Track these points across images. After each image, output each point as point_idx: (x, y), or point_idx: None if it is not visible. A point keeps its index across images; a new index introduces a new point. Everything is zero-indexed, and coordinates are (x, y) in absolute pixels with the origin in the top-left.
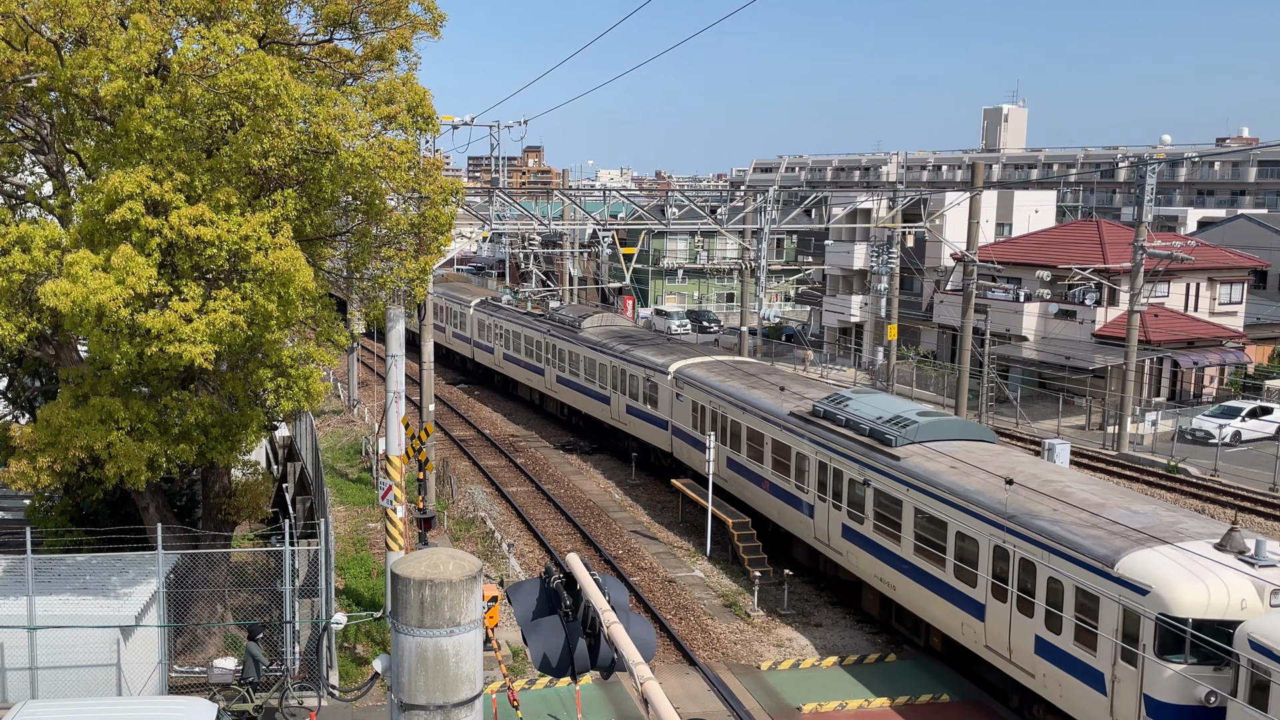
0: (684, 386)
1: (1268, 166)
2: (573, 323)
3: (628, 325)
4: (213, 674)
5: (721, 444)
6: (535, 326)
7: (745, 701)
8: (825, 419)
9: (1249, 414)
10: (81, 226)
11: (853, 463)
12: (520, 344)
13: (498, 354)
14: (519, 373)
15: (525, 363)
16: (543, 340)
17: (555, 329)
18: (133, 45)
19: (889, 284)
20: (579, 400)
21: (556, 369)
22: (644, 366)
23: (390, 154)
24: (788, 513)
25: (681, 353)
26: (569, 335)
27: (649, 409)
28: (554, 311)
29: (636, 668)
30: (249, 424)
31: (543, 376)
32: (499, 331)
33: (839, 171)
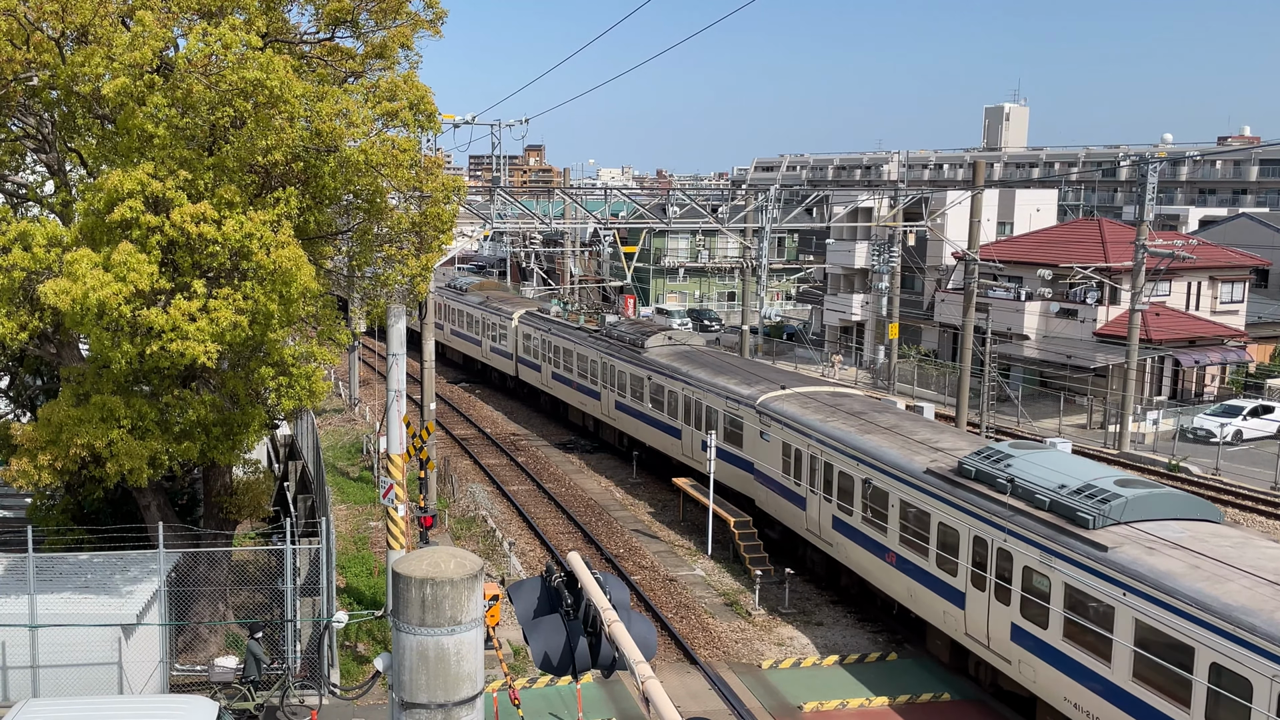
0: (770, 423)
1: (1269, 165)
2: (634, 341)
3: (698, 345)
4: (214, 672)
5: (825, 497)
6: (589, 343)
7: (746, 700)
8: (979, 481)
9: (1250, 413)
10: (82, 225)
11: (1028, 545)
12: (572, 363)
13: (545, 373)
14: (570, 395)
15: (577, 384)
16: (598, 360)
17: (614, 348)
18: (136, 43)
19: (890, 283)
20: (642, 431)
21: (615, 393)
22: (723, 396)
23: (394, 151)
24: (924, 596)
25: (768, 380)
26: (630, 356)
27: (729, 447)
28: (612, 327)
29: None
30: (250, 422)
31: (598, 401)
32: (547, 348)
33: (840, 170)
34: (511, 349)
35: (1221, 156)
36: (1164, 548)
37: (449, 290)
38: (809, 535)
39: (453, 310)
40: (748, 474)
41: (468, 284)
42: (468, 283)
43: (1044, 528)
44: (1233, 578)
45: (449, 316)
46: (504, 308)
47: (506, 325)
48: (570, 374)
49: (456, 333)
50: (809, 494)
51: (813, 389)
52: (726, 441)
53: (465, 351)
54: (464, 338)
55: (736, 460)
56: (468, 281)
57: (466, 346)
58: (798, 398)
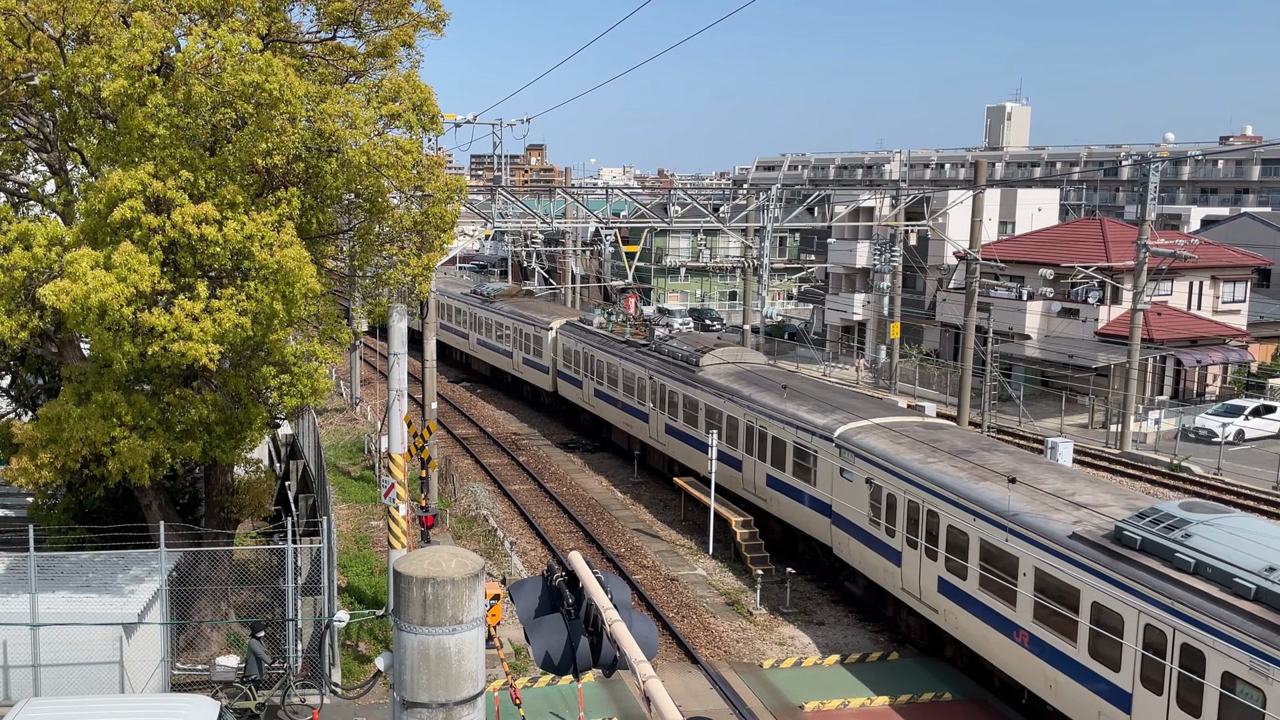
0: (853, 460)
1: (1271, 165)
2: (688, 358)
3: (760, 364)
4: (215, 672)
5: (929, 553)
6: (636, 359)
7: (747, 700)
8: (1148, 554)
9: (1252, 412)
10: (83, 225)
11: (1231, 645)
12: (617, 379)
13: (586, 389)
14: (614, 414)
15: (623, 403)
16: (646, 378)
17: (664, 365)
18: (135, 43)
19: (892, 282)
20: (695, 459)
21: (665, 416)
22: (794, 426)
23: (397, 152)
24: (1072, 691)
25: (845, 408)
26: (683, 375)
27: (801, 484)
28: (662, 341)
29: (639, 666)
30: (252, 422)
31: (646, 424)
32: (588, 362)
33: (842, 170)
34: (549, 362)
35: (1223, 156)
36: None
37: (475, 297)
38: (904, 595)
39: (479, 319)
40: (821, 515)
41: (495, 290)
42: (495, 289)
43: (1255, 625)
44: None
45: (475, 325)
46: (539, 317)
47: (543, 336)
48: (614, 391)
49: (484, 343)
50: (905, 548)
51: (899, 420)
52: (796, 475)
53: (493, 363)
54: (492, 348)
55: (807, 498)
56: (495, 288)
57: (495, 358)
58: (887, 432)
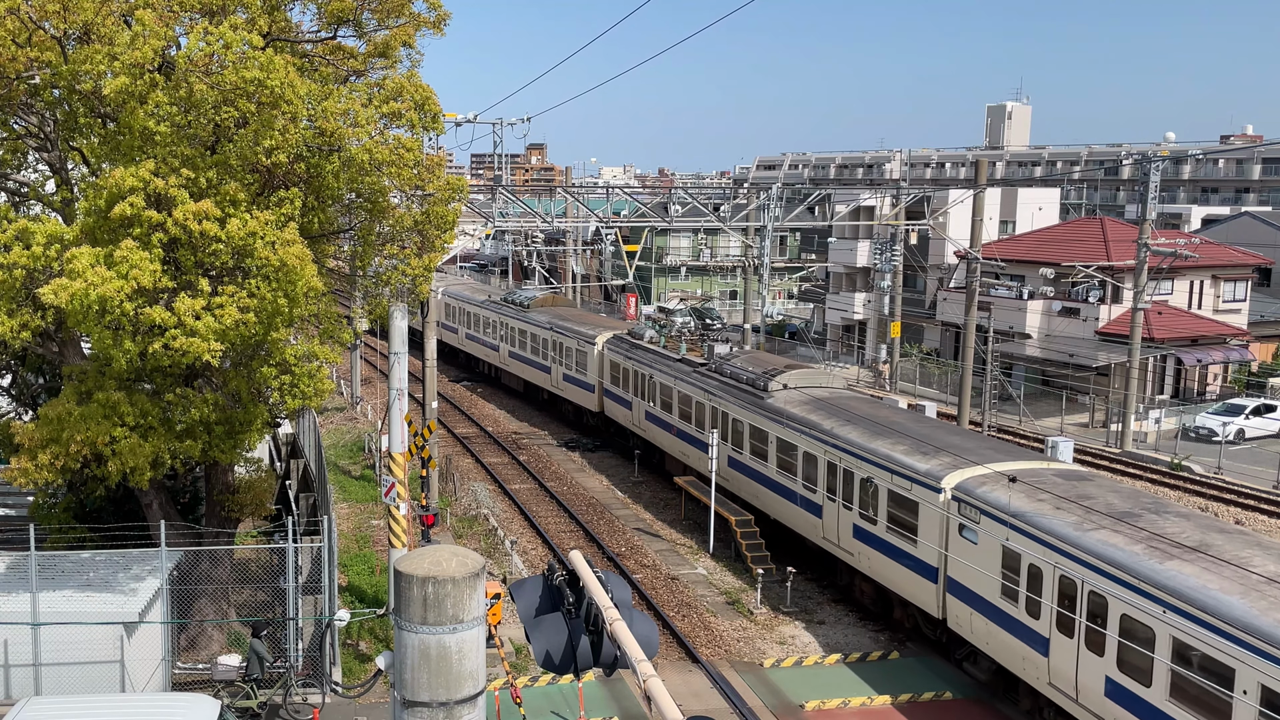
0: (979, 519)
1: (1272, 164)
2: (754, 382)
3: (839, 389)
4: (216, 671)
5: (1092, 650)
6: (694, 380)
7: (748, 699)
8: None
9: (1253, 412)
10: (83, 223)
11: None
12: (671, 402)
13: (637, 411)
14: (668, 441)
15: (678, 429)
16: (705, 402)
17: (726, 388)
18: (137, 41)
19: (892, 281)
20: (764, 498)
21: (728, 447)
22: (888, 469)
23: (400, 150)
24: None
25: (952, 449)
26: (749, 401)
27: (898, 540)
28: (723, 361)
29: (639, 665)
30: (253, 421)
31: (708, 455)
32: (639, 382)
33: (842, 169)
34: (594, 380)
35: (1224, 155)
36: None
37: (507, 306)
38: (1054, 693)
39: (511, 329)
40: (925, 579)
41: (529, 298)
42: (529, 297)
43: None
44: None
45: (507, 336)
46: (582, 329)
47: (588, 351)
48: (669, 416)
49: (518, 356)
50: (1055, 634)
51: (1027, 466)
52: (892, 529)
53: (527, 378)
54: (527, 362)
55: (908, 558)
56: (529, 295)
57: (530, 372)
58: (1019, 484)
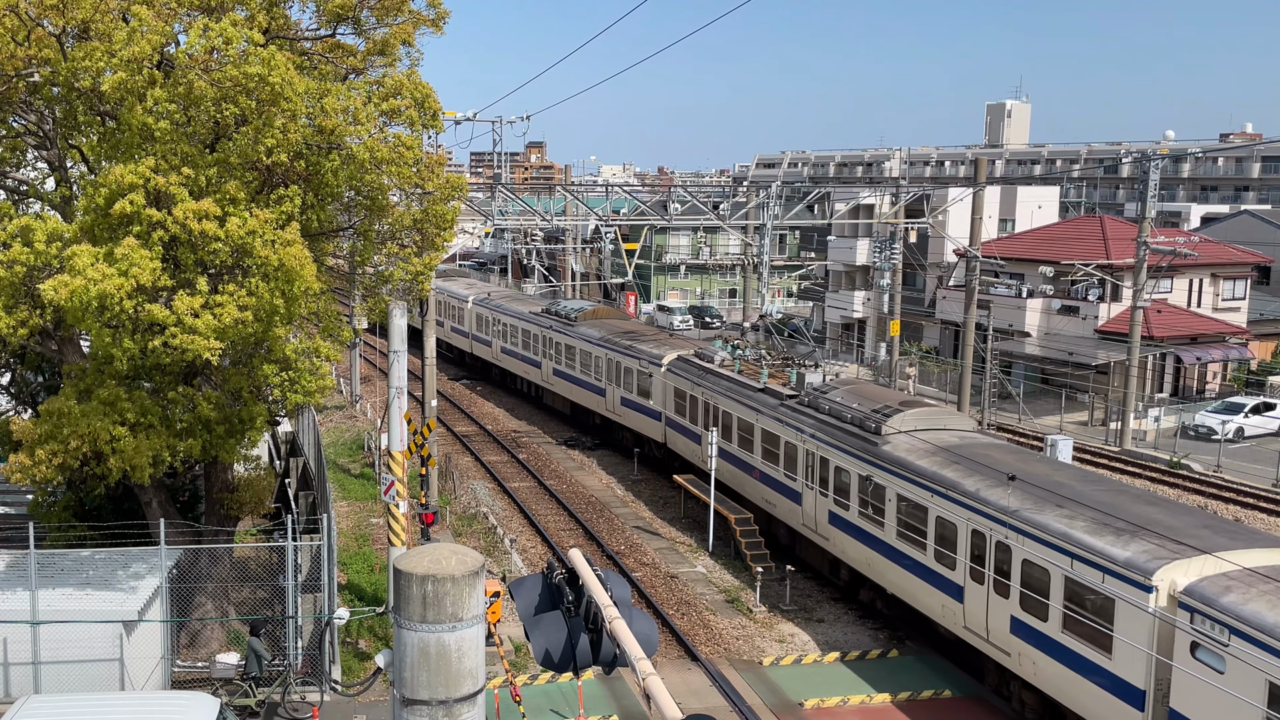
0: (1232, 640)
1: (1271, 162)
2: (863, 422)
3: (969, 431)
4: (215, 669)
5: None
6: (782, 415)
7: (747, 697)
8: None
9: (1252, 410)
10: (83, 221)
11: None
12: (752, 441)
13: (710, 447)
14: (751, 487)
15: (762, 473)
16: (799, 444)
17: (824, 428)
18: (134, 37)
19: (892, 280)
20: (878, 566)
21: (832, 500)
22: (1068, 553)
23: (400, 148)
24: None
25: (1157, 527)
26: (858, 446)
27: (1084, 647)
28: (818, 394)
29: (639, 663)
30: (253, 420)
31: (799, 505)
32: (710, 413)
33: (842, 167)
34: (660, 405)
35: (1223, 153)
36: None
37: (550, 318)
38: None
39: (556, 344)
40: (1130, 705)
41: (576, 310)
42: (575, 308)
43: None
44: None
45: (550, 352)
46: (645, 347)
47: (652, 373)
48: (748, 455)
49: (563, 374)
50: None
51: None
52: (1071, 631)
53: (575, 399)
54: (576, 381)
55: (1100, 673)
56: (575, 307)
57: (580, 394)
58: None
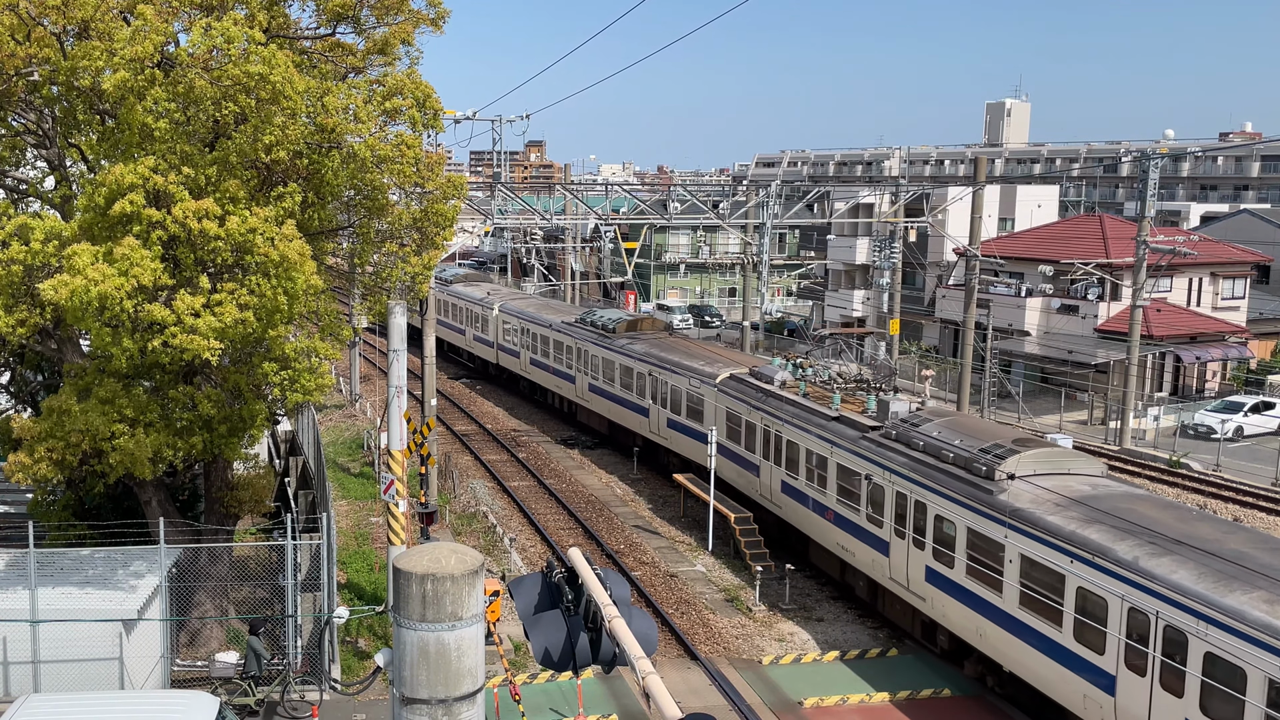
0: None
1: (1271, 161)
2: (972, 465)
3: (1108, 482)
4: (215, 668)
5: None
6: (861, 449)
7: (747, 696)
8: None
9: (1251, 409)
10: (82, 220)
11: None
12: (826, 476)
13: (768, 479)
14: (823, 530)
15: (837, 514)
16: (886, 485)
17: (920, 469)
18: (137, 37)
19: (891, 279)
20: (991, 638)
21: (930, 554)
22: (1267, 646)
23: (400, 146)
24: None
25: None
26: (968, 493)
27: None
28: (908, 426)
29: (638, 662)
30: (253, 418)
31: (885, 556)
32: (772, 441)
33: (841, 166)
34: (711, 428)
35: (1223, 152)
36: None
37: (585, 328)
38: None
39: (591, 358)
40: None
41: (614, 320)
42: (614, 319)
43: None
44: None
45: (585, 365)
46: (691, 363)
47: (702, 392)
48: (821, 494)
49: (601, 390)
50: None
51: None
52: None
53: (615, 419)
54: (615, 399)
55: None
56: (614, 317)
57: (619, 413)
58: None
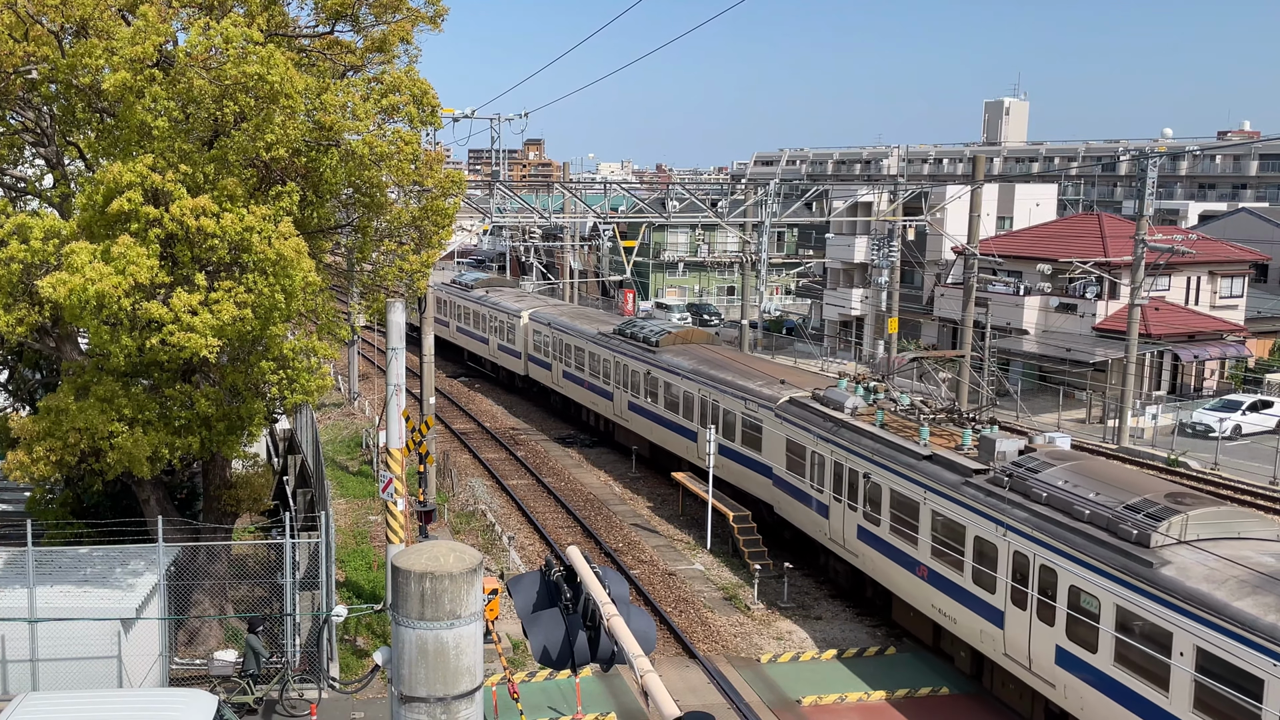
0: None
1: (1269, 160)
2: (1117, 527)
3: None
4: (213, 666)
5: None
6: (964, 497)
7: (745, 694)
8: None
9: (1249, 408)
10: (80, 218)
11: None
12: (917, 525)
13: (840, 523)
14: (913, 587)
15: (939, 575)
16: (1000, 542)
17: (1048, 528)
18: (137, 37)
19: (890, 277)
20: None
21: (1062, 629)
22: None
23: (399, 143)
24: None
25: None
26: (1116, 562)
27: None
28: (1026, 473)
29: (637, 660)
30: (251, 417)
31: (999, 629)
32: (847, 474)
33: (840, 165)
34: (769, 459)
35: (1221, 151)
36: None
37: (624, 341)
38: None
39: (632, 373)
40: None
41: (658, 333)
42: (657, 331)
43: None
44: None
45: (624, 380)
46: (747, 383)
47: (760, 417)
48: (910, 546)
49: (642, 409)
50: None
51: None
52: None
53: (656, 440)
54: (658, 420)
55: None
56: (657, 329)
57: (663, 434)
58: None
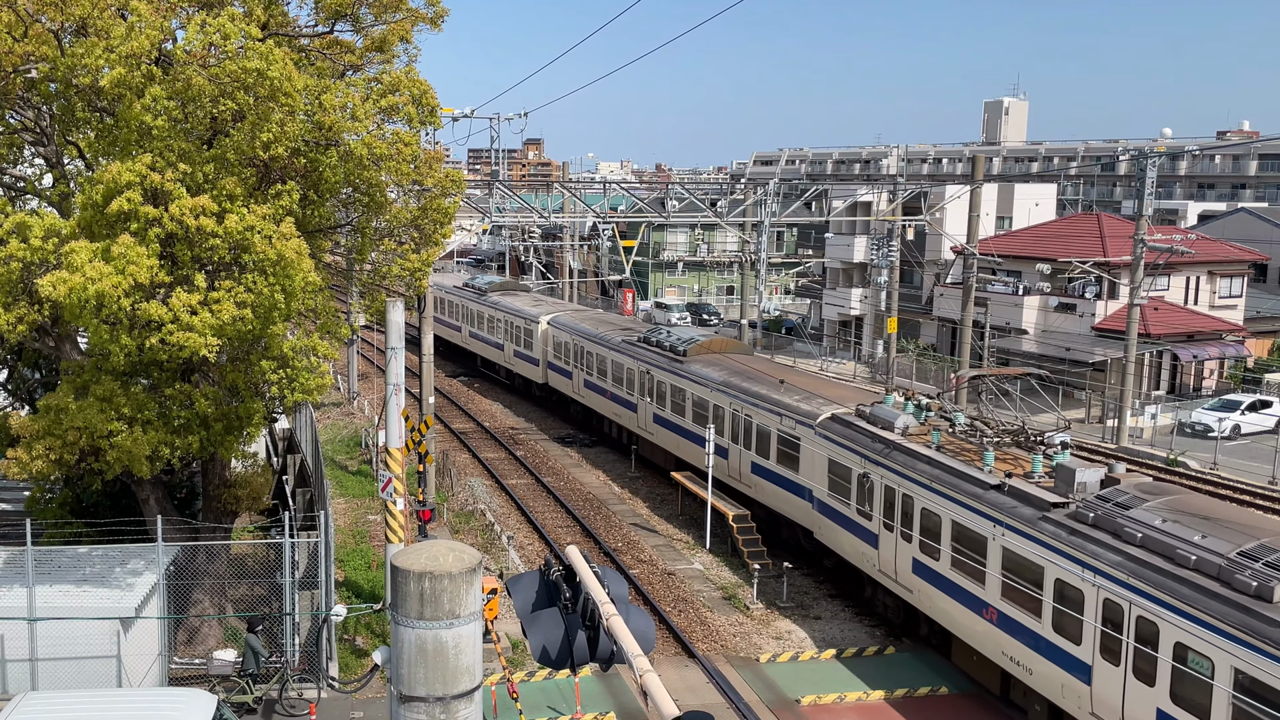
0: None
1: (1268, 160)
2: (1235, 577)
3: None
4: (213, 666)
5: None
6: (1046, 535)
7: (744, 694)
8: None
9: (1249, 407)
10: (80, 218)
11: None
12: (985, 562)
13: (892, 554)
14: (978, 631)
15: (1010, 620)
16: (1085, 586)
17: (1153, 577)
18: (132, 33)
19: (889, 277)
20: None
21: (1167, 691)
22: None
23: (398, 144)
24: None
25: None
26: (1234, 617)
27: None
28: (1112, 510)
29: (636, 660)
30: (250, 416)
31: (1086, 685)
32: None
33: (839, 164)
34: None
35: (1220, 151)
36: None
37: (649, 350)
38: None
39: (658, 384)
40: None
41: (686, 342)
42: (685, 340)
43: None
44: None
45: (650, 391)
46: (783, 398)
47: (799, 435)
48: (978, 586)
49: (668, 423)
50: None
51: None
52: None
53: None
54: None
55: None
56: (684, 338)
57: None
58: None
